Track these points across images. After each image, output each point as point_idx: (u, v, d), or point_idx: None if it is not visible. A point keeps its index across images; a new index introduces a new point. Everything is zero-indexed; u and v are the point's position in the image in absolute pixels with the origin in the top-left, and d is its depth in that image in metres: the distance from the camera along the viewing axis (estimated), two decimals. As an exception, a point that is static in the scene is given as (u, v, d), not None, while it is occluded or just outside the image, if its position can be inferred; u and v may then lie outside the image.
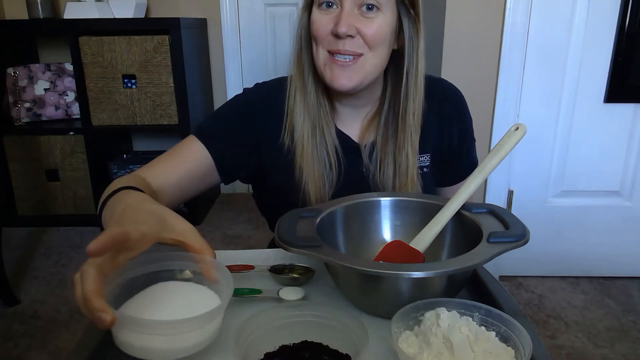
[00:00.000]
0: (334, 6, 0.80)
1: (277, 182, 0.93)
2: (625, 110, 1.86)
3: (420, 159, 0.92)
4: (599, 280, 2.02)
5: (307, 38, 0.85)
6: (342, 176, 0.89)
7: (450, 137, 0.94)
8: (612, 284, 1.99)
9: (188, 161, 0.86)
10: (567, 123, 1.89)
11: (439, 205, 0.73)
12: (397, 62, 0.86)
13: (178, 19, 2.30)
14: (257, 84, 0.95)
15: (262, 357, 0.53)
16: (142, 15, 2.54)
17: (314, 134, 0.87)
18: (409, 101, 0.85)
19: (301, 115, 0.87)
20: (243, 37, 2.76)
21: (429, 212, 0.73)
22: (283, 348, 0.55)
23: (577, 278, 2.03)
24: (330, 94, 0.90)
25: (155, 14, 2.69)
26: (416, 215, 0.77)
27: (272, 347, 0.55)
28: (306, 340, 0.55)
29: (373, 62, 0.82)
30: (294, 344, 0.55)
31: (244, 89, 0.95)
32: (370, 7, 0.79)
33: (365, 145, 0.91)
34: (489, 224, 0.66)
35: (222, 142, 0.88)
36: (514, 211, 1.33)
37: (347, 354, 0.53)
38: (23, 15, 2.53)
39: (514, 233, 0.62)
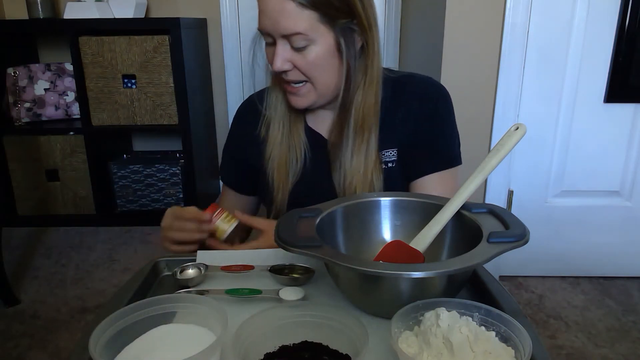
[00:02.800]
0: (273, 44, 0.85)
1: (262, 174, 1.00)
2: (625, 110, 1.86)
3: (386, 154, 0.94)
4: (599, 280, 2.02)
5: None
6: (309, 169, 0.96)
7: (420, 129, 0.94)
8: (612, 284, 1.99)
9: (232, 208, 1.01)
10: (567, 123, 1.89)
11: (439, 205, 0.73)
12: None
13: (178, 19, 2.30)
14: (246, 98, 1.06)
15: (262, 357, 0.53)
16: (142, 15, 2.54)
17: (284, 127, 0.96)
18: (352, 106, 0.89)
19: (274, 110, 0.96)
20: (243, 37, 2.76)
21: (429, 212, 0.73)
22: (283, 348, 0.55)
23: (577, 278, 2.03)
24: None
25: (155, 14, 2.69)
26: (416, 215, 0.77)
27: (272, 347, 0.55)
28: (306, 340, 0.55)
29: (318, 86, 0.87)
30: (294, 344, 0.55)
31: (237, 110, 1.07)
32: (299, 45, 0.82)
33: (332, 143, 0.95)
34: (489, 224, 0.66)
35: (232, 171, 1.06)
36: (514, 211, 1.33)
37: (347, 354, 0.53)
38: (23, 15, 2.53)
39: (514, 233, 0.62)
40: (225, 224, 0.89)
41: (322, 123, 0.98)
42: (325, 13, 0.80)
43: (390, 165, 0.94)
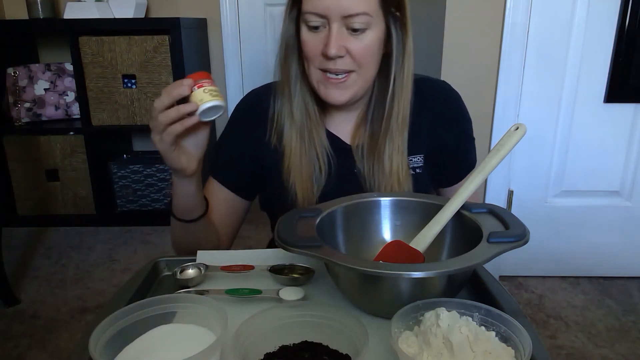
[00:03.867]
0: (321, 27, 0.80)
1: (270, 181, 0.94)
2: (625, 110, 1.86)
3: (413, 159, 0.92)
4: (599, 280, 2.02)
5: (293, 47, 0.86)
6: (333, 177, 0.90)
7: (445, 139, 0.94)
8: (612, 284, 1.99)
9: (219, 203, 0.94)
10: (567, 123, 1.89)
11: (439, 205, 0.73)
12: (384, 64, 0.87)
13: (178, 19, 2.30)
14: (248, 93, 0.99)
15: (262, 357, 0.53)
16: (142, 15, 2.54)
17: (303, 137, 0.89)
18: (395, 103, 0.86)
19: (288, 119, 0.89)
20: (243, 37, 2.76)
21: (429, 212, 0.73)
22: (283, 348, 0.54)
23: (577, 278, 2.03)
24: (321, 99, 0.90)
25: (155, 14, 2.68)
26: (416, 215, 0.77)
27: (272, 347, 0.55)
28: (306, 340, 0.55)
29: (364, 77, 0.84)
30: (294, 344, 0.55)
31: (236, 105, 0.99)
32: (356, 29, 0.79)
33: (357, 146, 0.91)
34: (489, 224, 0.66)
35: (231, 169, 0.96)
36: (514, 211, 1.33)
37: (347, 354, 0.53)
38: (23, 15, 2.53)
39: (514, 233, 0.62)
40: (205, 95, 0.70)
41: (342, 127, 0.93)
42: None
43: (417, 171, 0.92)
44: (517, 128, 0.72)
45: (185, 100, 0.71)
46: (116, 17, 2.43)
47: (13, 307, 1.84)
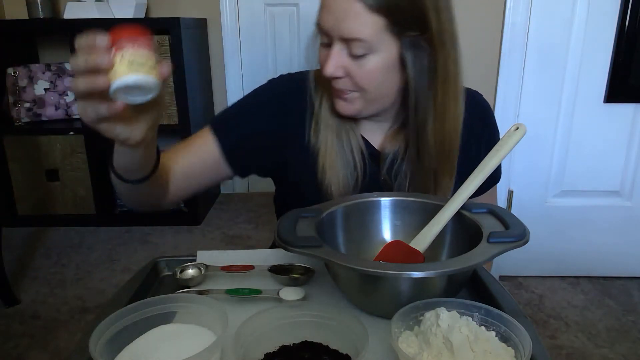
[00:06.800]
0: (328, 45, 0.77)
1: (298, 180, 0.90)
2: (625, 110, 1.86)
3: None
4: (599, 280, 2.02)
5: None
6: (367, 179, 0.86)
7: (478, 155, 0.86)
8: (612, 284, 1.99)
9: (197, 152, 0.86)
10: (567, 123, 1.89)
11: (439, 205, 0.73)
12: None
13: (178, 19, 2.30)
14: (281, 75, 0.92)
15: (262, 357, 0.53)
16: (142, 15, 2.54)
17: (340, 136, 0.85)
18: (426, 127, 0.81)
19: (326, 117, 0.85)
20: (243, 37, 2.76)
21: (429, 212, 0.73)
22: (283, 348, 0.55)
23: (577, 278, 2.03)
24: None
25: (155, 14, 2.68)
26: (416, 215, 0.77)
27: (272, 347, 0.55)
28: (306, 340, 0.55)
29: (367, 98, 0.79)
30: (294, 344, 0.55)
31: (269, 80, 0.92)
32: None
33: (388, 154, 0.87)
34: (489, 224, 0.66)
35: (236, 135, 0.86)
36: (514, 211, 1.33)
37: (347, 354, 0.53)
38: (23, 15, 2.52)
39: (514, 233, 0.62)
40: (121, 66, 0.50)
41: (374, 134, 0.89)
42: (395, 21, 0.72)
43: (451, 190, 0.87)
44: (517, 128, 0.71)
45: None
46: (116, 17, 2.43)
47: (13, 307, 1.84)
